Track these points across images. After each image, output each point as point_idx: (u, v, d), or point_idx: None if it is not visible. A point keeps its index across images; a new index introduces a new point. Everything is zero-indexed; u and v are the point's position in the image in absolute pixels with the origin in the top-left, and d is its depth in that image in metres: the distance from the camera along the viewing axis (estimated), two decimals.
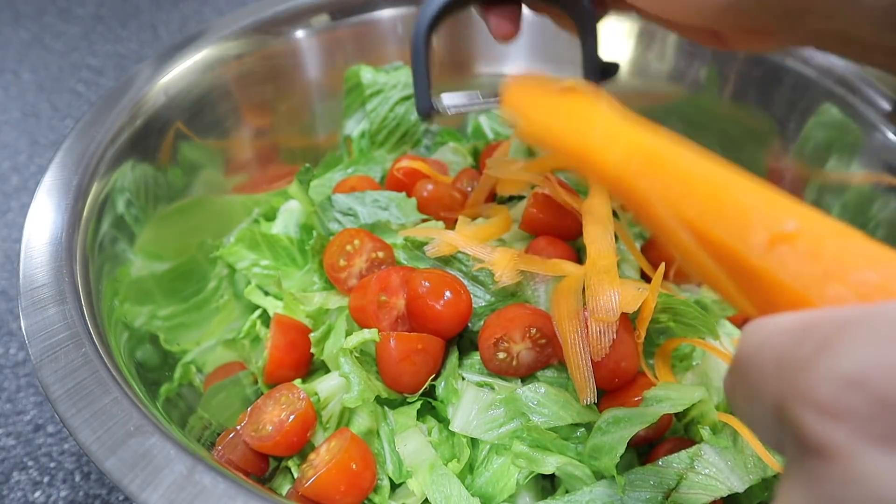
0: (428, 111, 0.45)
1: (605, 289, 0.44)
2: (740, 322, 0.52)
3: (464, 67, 0.71)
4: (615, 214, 0.49)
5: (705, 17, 0.39)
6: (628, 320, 0.43)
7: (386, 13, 0.68)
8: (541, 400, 0.43)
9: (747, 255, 0.23)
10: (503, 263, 0.45)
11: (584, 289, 0.44)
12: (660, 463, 0.41)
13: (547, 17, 0.48)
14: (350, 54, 0.67)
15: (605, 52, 0.45)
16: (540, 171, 0.51)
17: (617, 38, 0.65)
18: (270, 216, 0.64)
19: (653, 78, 0.66)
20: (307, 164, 0.59)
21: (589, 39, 0.46)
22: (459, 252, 0.47)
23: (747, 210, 0.24)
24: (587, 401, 0.42)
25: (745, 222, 0.24)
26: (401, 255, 0.51)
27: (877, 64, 0.43)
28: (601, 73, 0.45)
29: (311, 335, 0.49)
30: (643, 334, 0.43)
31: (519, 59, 0.69)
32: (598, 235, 0.47)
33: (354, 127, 0.67)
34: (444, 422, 0.46)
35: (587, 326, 0.43)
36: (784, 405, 0.18)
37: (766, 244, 0.23)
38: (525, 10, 0.47)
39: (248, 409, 0.46)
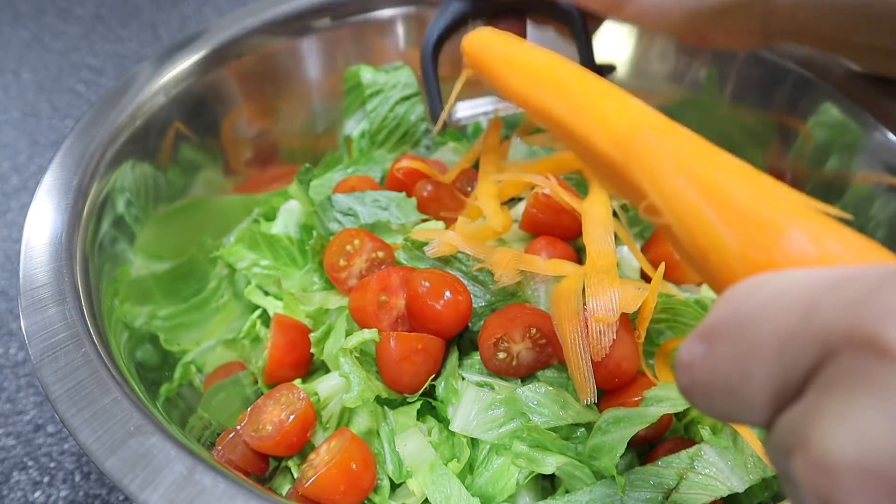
0: (439, 124, 0.49)
1: (605, 289, 0.44)
2: None
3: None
4: (615, 214, 0.49)
5: (674, 25, 0.45)
6: (628, 320, 0.43)
7: (386, 13, 0.68)
8: (541, 400, 0.43)
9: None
10: (503, 263, 0.45)
11: (583, 289, 0.44)
12: (660, 463, 0.41)
13: (548, 29, 0.52)
14: (350, 54, 0.67)
15: (607, 53, 0.46)
16: (540, 172, 0.51)
17: (616, 38, 0.65)
18: (270, 216, 0.64)
19: (653, 78, 0.65)
20: (307, 165, 0.59)
21: (584, 47, 0.50)
22: (459, 252, 0.47)
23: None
24: (588, 401, 0.42)
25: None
26: (401, 255, 0.51)
27: (848, 57, 0.46)
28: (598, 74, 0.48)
29: (311, 335, 0.49)
30: (643, 334, 0.43)
31: None
32: (597, 235, 0.47)
33: (354, 127, 0.67)
34: (444, 422, 0.46)
35: (587, 326, 0.43)
36: (846, 332, 0.17)
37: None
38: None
39: (248, 408, 0.46)
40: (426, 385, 0.45)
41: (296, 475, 0.44)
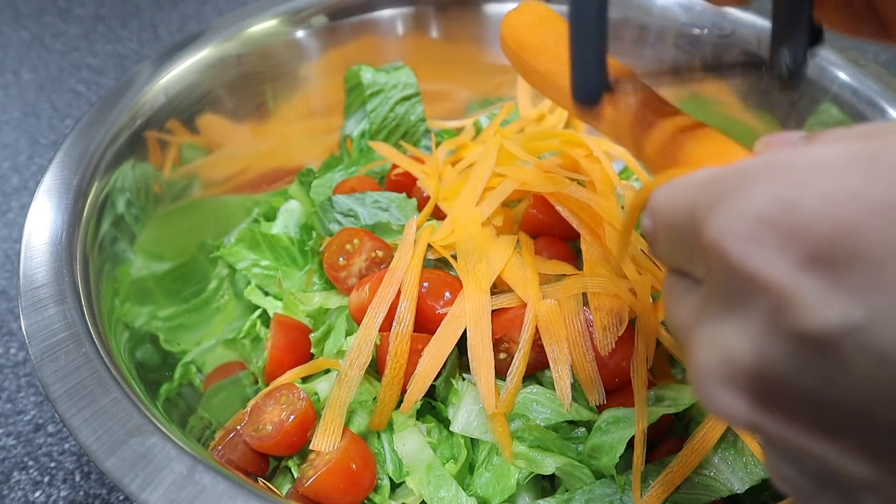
0: (598, 91, 0.30)
1: (606, 288, 0.44)
2: None
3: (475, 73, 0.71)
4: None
5: None
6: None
7: (386, 13, 0.68)
8: (540, 399, 0.43)
9: None
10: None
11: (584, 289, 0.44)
12: (660, 463, 0.41)
13: None
14: (350, 54, 0.67)
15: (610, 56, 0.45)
16: (540, 175, 0.51)
17: (617, 38, 0.65)
18: (270, 216, 0.64)
19: (653, 78, 0.65)
20: (309, 166, 0.59)
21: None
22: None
23: None
24: (596, 402, 0.42)
25: None
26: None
27: None
28: (812, 38, 0.32)
29: (311, 335, 0.49)
30: (643, 334, 0.43)
31: None
32: (597, 236, 0.47)
33: (354, 127, 0.67)
34: (444, 422, 0.46)
35: (589, 326, 0.43)
36: (705, 243, 0.19)
37: None
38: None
39: (248, 408, 0.46)
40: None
41: (296, 475, 0.44)
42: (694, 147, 0.30)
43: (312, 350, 0.49)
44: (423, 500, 0.43)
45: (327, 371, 0.49)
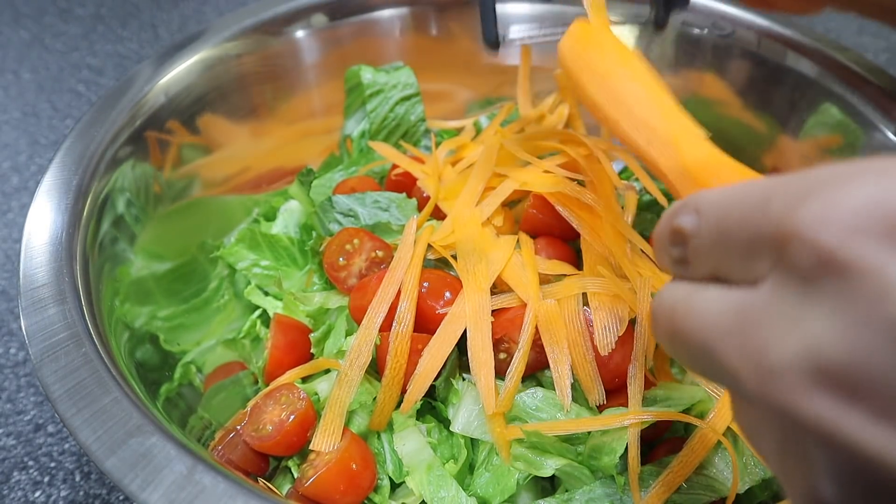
0: (495, 40, 0.45)
1: (606, 288, 0.44)
2: None
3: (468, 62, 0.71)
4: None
5: None
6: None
7: (386, 13, 0.68)
8: (539, 405, 0.43)
9: None
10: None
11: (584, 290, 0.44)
12: (660, 463, 0.41)
13: None
14: (350, 54, 0.67)
15: None
16: (540, 175, 0.51)
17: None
18: (270, 216, 0.64)
19: None
20: (309, 166, 0.59)
21: None
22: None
23: None
24: (596, 402, 0.42)
25: None
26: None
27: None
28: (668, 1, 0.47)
29: (311, 335, 0.49)
30: (644, 334, 0.43)
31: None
32: (597, 236, 0.47)
33: (354, 127, 0.67)
34: (444, 422, 0.46)
35: (589, 326, 0.43)
36: (786, 233, 0.18)
37: None
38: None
39: (248, 408, 0.46)
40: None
41: (296, 475, 0.44)
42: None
43: (312, 350, 0.49)
44: (423, 500, 0.43)
45: (327, 371, 0.49)
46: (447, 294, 0.46)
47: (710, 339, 0.21)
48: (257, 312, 0.56)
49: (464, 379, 0.46)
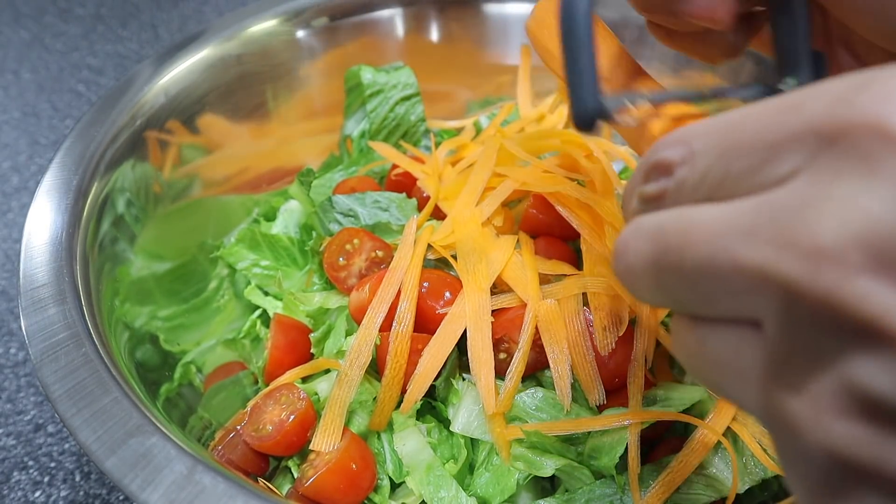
0: (594, 114, 0.27)
1: (606, 288, 0.44)
2: None
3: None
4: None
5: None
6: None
7: (386, 13, 0.68)
8: (539, 405, 0.43)
9: None
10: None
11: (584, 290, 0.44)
12: (660, 463, 0.41)
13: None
14: (350, 54, 0.67)
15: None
16: (540, 176, 0.51)
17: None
18: (270, 216, 0.64)
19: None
20: (309, 166, 0.59)
21: (798, 22, 0.31)
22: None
23: None
24: (596, 402, 0.42)
25: None
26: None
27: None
28: (815, 69, 0.32)
29: (311, 335, 0.49)
30: (644, 334, 0.43)
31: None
32: (597, 236, 0.47)
33: (354, 127, 0.67)
34: (444, 422, 0.46)
35: (589, 326, 0.43)
36: (838, 121, 0.17)
37: None
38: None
39: (248, 408, 0.46)
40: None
41: (296, 475, 0.44)
42: None
43: (312, 350, 0.49)
44: (423, 500, 0.43)
45: (327, 371, 0.49)
46: (447, 294, 0.46)
47: (727, 244, 0.17)
48: (257, 312, 0.56)
49: (464, 379, 0.46)
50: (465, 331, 0.44)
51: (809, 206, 0.16)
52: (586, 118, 0.27)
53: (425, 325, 0.45)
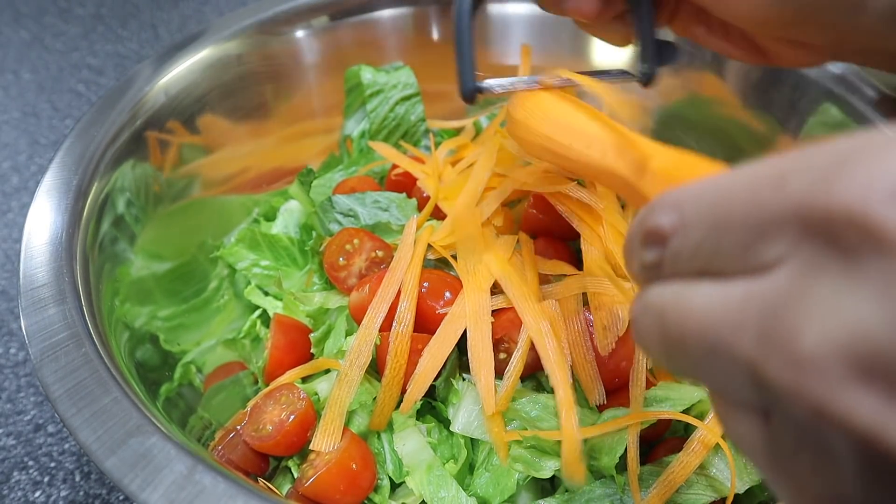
0: (472, 91, 0.42)
1: (606, 288, 0.44)
2: None
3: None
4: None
5: (752, 19, 0.39)
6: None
7: (386, 13, 0.68)
8: (540, 413, 0.43)
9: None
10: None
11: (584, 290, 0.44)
12: (660, 463, 0.41)
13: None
14: (350, 54, 0.67)
15: (606, 53, 0.45)
16: (540, 177, 0.51)
17: None
18: (270, 216, 0.64)
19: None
20: (308, 165, 0.59)
21: (644, 19, 0.42)
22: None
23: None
24: (596, 402, 0.42)
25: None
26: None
27: None
28: (658, 56, 0.43)
29: (311, 335, 0.49)
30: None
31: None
32: (597, 237, 0.47)
33: (354, 127, 0.67)
34: (444, 422, 0.46)
35: (589, 326, 0.43)
36: (818, 209, 0.16)
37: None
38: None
39: (248, 408, 0.46)
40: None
41: (296, 475, 0.44)
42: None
43: (312, 350, 0.49)
44: (423, 500, 0.43)
45: (327, 371, 0.49)
46: (447, 294, 0.46)
47: (720, 336, 0.18)
48: (257, 312, 0.56)
49: (464, 379, 0.46)
50: (465, 331, 0.44)
51: (793, 305, 0.16)
52: (467, 94, 0.42)
53: (425, 325, 0.45)
